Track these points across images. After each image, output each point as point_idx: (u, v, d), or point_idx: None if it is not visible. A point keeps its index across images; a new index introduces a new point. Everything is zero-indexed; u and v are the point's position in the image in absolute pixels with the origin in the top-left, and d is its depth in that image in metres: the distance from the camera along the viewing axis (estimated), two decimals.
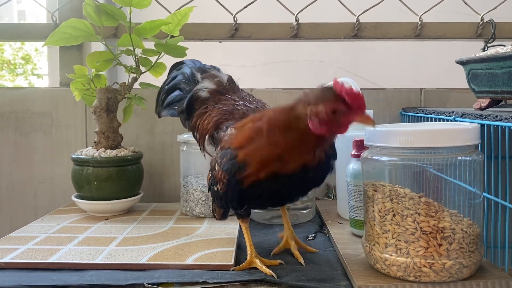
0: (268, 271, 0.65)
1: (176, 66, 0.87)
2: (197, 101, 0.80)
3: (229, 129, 0.71)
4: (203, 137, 0.78)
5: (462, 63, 0.84)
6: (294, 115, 0.58)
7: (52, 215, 0.97)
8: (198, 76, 0.82)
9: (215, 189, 0.69)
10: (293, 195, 0.70)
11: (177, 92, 0.84)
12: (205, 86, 0.81)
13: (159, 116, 0.86)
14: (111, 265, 0.68)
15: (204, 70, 0.84)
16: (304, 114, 0.57)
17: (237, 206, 0.68)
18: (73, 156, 0.96)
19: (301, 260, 0.70)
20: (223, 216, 0.75)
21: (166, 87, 0.85)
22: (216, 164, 0.68)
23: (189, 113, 0.81)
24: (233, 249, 0.74)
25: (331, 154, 0.66)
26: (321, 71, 1.48)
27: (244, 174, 0.62)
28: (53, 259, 0.69)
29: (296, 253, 0.73)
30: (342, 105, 0.55)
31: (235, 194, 0.65)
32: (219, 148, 0.70)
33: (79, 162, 0.95)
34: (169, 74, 0.87)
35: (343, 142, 0.91)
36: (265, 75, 1.52)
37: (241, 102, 0.76)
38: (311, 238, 0.84)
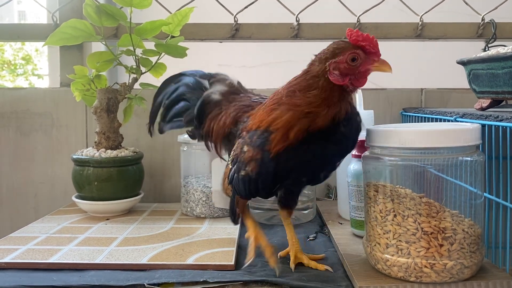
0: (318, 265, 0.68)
1: (173, 80, 0.83)
2: (209, 105, 0.78)
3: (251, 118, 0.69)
4: (220, 138, 0.75)
5: (463, 63, 0.84)
6: (311, 75, 0.60)
7: (53, 216, 0.97)
8: (206, 83, 0.81)
9: (243, 173, 0.64)
10: (330, 159, 0.64)
11: (182, 103, 0.81)
12: (217, 89, 0.79)
13: (161, 132, 0.83)
14: (111, 265, 0.68)
15: (212, 76, 0.82)
16: (321, 71, 0.59)
17: (270, 185, 0.63)
18: (74, 157, 0.96)
19: (326, 267, 0.67)
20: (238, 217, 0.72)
21: (166, 101, 0.81)
22: (246, 145, 0.64)
23: (200, 120, 0.79)
24: (234, 249, 0.74)
25: (356, 113, 0.64)
26: None
27: (273, 140, 0.60)
28: (53, 259, 0.69)
29: (313, 263, 0.68)
30: (360, 51, 0.58)
31: (269, 170, 0.61)
32: (244, 132, 0.67)
33: (79, 162, 0.95)
34: (163, 88, 0.83)
35: None
36: (265, 75, 1.52)
37: (256, 96, 0.76)
38: (311, 238, 0.83)
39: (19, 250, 0.73)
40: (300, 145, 0.60)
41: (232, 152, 0.69)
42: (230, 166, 0.69)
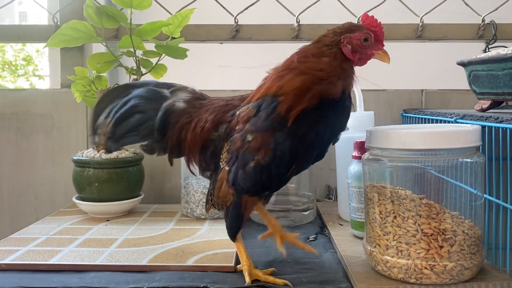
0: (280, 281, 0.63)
1: (119, 94, 0.73)
2: (173, 115, 0.71)
3: (241, 109, 0.65)
4: (198, 147, 0.69)
5: (463, 64, 0.83)
6: (323, 43, 0.61)
7: (53, 217, 0.97)
8: (165, 91, 0.73)
9: (252, 164, 0.60)
10: (338, 130, 0.64)
11: (137, 116, 0.71)
12: (180, 97, 0.72)
13: (109, 151, 0.79)
14: (111, 267, 0.68)
15: (171, 85, 0.74)
16: (335, 42, 0.61)
17: (286, 169, 0.60)
18: (74, 158, 0.96)
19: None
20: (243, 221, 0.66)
21: (114, 117, 0.70)
22: (248, 134, 0.61)
23: (163, 132, 0.71)
24: (234, 250, 0.74)
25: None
26: None
27: (285, 103, 0.59)
28: (54, 261, 0.69)
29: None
30: (372, 35, 0.62)
31: (285, 149, 0.59)
32: (240, 125, 0.63)
33: (80, 163, 0.95)
34: (106, 104, 0.73)
35: (344, 144, 0.91)
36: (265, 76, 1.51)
37: (231, 97, 0.72)
38: (312, 239, 0.83)
39: (19, 251, 0.74)
40: (315, 111, 0.59)
41: (225, 153, 0.65)
42: (227, 168, 0.64)
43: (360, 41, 0.61)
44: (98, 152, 0.96)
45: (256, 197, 0.65)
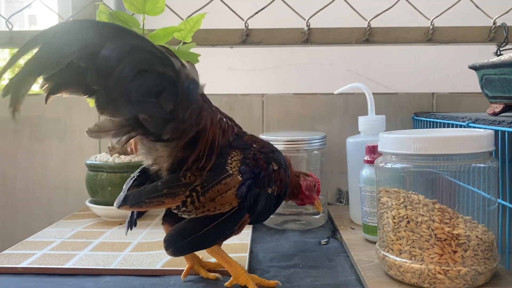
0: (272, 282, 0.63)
1: (119, 35, 0.52)
2: (198, 93, 0.59)
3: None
4: (215, 142, 0.62)
5: (475, 68, 0.83)
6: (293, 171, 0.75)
7: (67, 220, 0.98)
8: (175, 60, 0.56)
9: (270, 191, 0.64)
10: None
11: (150, 78, 0.53)
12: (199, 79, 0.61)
13: (121, 114, 0.54)
14: (126, 271, 0.68)
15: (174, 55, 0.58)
16: (298, 175, 0.76)
17: (274, 209, 0.69)
18: (88, 162, 0.97)
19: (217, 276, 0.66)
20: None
21: (127, 68, 0.50)
22: (274, 162, 0.66)
23: (188, 104, 0.57)
24: (246, 255, 0.75)
25: None
26: (330, 74, 1.48)
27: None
28: (69, 265, 0.70)
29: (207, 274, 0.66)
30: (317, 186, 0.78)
31: (287, 192, 0.70)
32: (255, 145, 0.66)
33: (93, 167, 0.96)
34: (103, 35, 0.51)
35: (355, 147, 0.91)
36: (275, 78, 1.52)
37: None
38: (323, 243, 0.84)
39: (35, 255, 0.75)
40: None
41: (237, 161, 0.62)
42: (240, 177, 0.61)
43: (311, 184, 0.76)
44: (112, 156, 0.97)
45: (247, 222, 0.64)
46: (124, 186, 0.62)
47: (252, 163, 0.63)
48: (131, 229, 0.64)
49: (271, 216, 0.92)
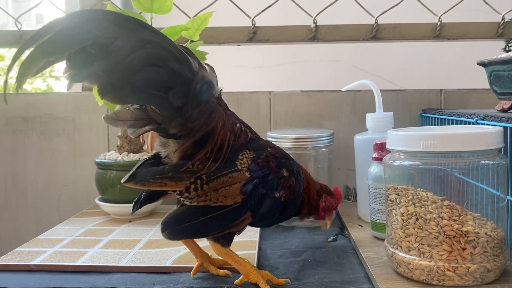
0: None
1: (134, 26, 0.53)
2: (212, 93, 0.61)
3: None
4: (227, 154, 0.63)
5: (483, 64, 0.83)
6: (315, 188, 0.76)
7: (77, 218, 0.99)
8: (193, 60, 0.57)
9: (277, 195, 0.64)
10: None
11: (162, 73, 0.54)
12: (215, 81, 0.63)
13: (124, 101, 0.55)
14: (136, 268, 0.69)
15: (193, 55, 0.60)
16: (319, 193, 0.76)
17: (287, 215, 0.70)
18: (97, 160, 0.98)
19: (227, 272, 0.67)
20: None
21: (136, 59, 0.52)
22: (284, 168, 0.66)
23: (198, 104, 0.58)
24: (255, 252, 0.75)
25: None
26: (337, 70, 1.48)
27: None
28: (80, 262, 0.71)
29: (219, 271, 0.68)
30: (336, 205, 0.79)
31: (297, 203, 0.70)
32: (269, 149, 0.67)
33: (102, 166, 0.97)
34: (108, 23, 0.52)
35: (363, 145, 0.92)
36: (281, 75, 1.52)
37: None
38: (331, 240, 0.84)
39: (46, 252, 0.76)
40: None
41: (247, 159, 0.63)
42: (248, 174, 0.62)
43: (330, 205, 0.76)
44: (121, 154, 0.97)
45: (248, 223, 0.64)
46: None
47: (263, 163, 0.64)
48: (136, 209, 0.66)
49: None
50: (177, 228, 0.60)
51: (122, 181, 0.61)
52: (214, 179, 0.60)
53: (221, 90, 0.65)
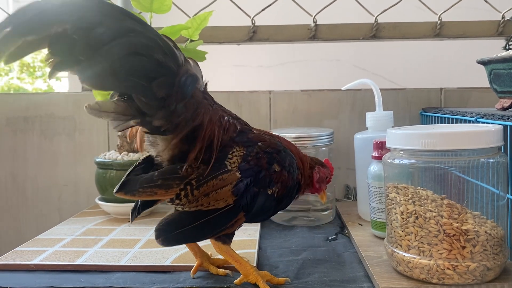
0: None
1: (119, 17, 0.53)
2: (197, 86, 0.60)
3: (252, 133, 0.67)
4: (217, 141, 0.62)
5: (483, 63, 0.83)
6: (308, 163, 0.73)
7: (77, 218, 0.99)
8: (178, 53, 0.57)
9: (270, 192, 0.62)
10: None
11: (152, 61, 0.54)
12: (199, 74, 0.62)
13: (106, 87, 0.56)
14: (136, 267, 0.69)
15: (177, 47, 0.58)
16: (312, 166, 0.74)
17: (280, 209, 0.67)
18: (97, 160, 0.98)
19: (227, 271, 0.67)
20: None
21: (118, 46, 0.52)
22: (276, 164, 0.63)
23: (183, 97, 0.57)
24: (255, 251, 0.75)
25: None
26: (337, 70, 1.48)
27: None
28: (80, 261, 0.71)
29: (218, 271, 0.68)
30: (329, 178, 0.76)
31: (292, 196, 0.68)
32: (260, 143, 0.65)
33: (102, 165, 0.97)
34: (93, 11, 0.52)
35: (363, 144, 0.91)
36: (282, 75, 1.52)
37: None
38: (331, 239, 0.84)
39: (47, 252, 0.76)
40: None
41: (236, 157, 0.62)
42: (238, 174, 0.61)
43: (324, 176, 0.74)
44: (121, 154, 0.98)
45: (243, 221, 0.63)
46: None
47: (254, 161, 0.62)
48: (134, 218, 0.65)
49: (279, 212, 0.94)
50: (171, 235, 0.59)
51: (114, 191, 0.60)
52: (204, 183, 0.59)
53: (206, 84, 0.64)
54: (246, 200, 0.61)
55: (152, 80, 0.54)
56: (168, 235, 0.59)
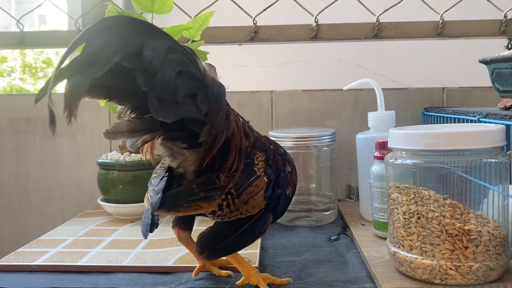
0: None
1: (154, 34, 0.49)
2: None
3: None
4: (242, 159, 0.61)
5: (485, 62, 0.83)
6: None
7: (79, 218, 0.99)
8: (199, 61, 0.53)
9: (287, 192, 0.64)
10: None
11: (187, 79, 0.50)
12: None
13: (169, 117, 0.49)
14: (138, 268, 0.69)
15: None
16: None
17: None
18: (99, 160, 0.98)
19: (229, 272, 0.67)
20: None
21: (169, 68, 0.48)
22: (288, 165, 0.65)
23: (219, 108, 0.54)
24: (257, 251, 0.75)
25: None
26: (339, 69, 1.48)
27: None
28: (82, 262, 0.71)
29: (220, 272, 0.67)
30: None
31: (293, 196, 0.67)
32: (272, 146, 0.66)
33: (104, 166, 0.97)
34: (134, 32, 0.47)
35: (365, 143, 0.91)
36: (283, 75, 1.52)
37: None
38: (333, 239, 0.84)
39: (49, 253, 0.76)
40: None
41: (261, 162, 0.62)
42: (266, 179, 0.61)
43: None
44: (122, 154, 0.98)
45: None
46: (154, 185, 0.59)
47: (273, 164, 0.63)
48: (151, 232, 0.60)
49: None
50: (216, 248, 0.58)
51: (152, 207, 0.55)
52: (242, 191, 0.58)
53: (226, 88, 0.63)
54: (273, 203, 0.62)
55: (195, 96, 0.51)
56: (212, 249, 0.58)
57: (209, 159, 0.57)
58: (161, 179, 0.59)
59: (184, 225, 0.65)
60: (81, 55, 0.44)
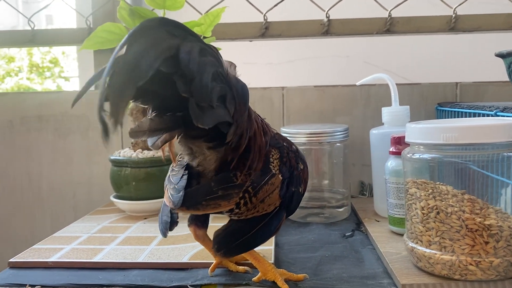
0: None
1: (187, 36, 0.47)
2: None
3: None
4: (262, 157, 0.61)
5: (502, 56, 0.81)
6: None
7: (92, 215, 0.99)
8: (222, 60, 0.53)
9: (300, 190, 0.64)
10: None
11: (218, 81, 0.51)
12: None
13: (207, 124, 0.50)
14: (154, 264, 0.69)
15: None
16: None
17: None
18: (112, 158, 0.98)
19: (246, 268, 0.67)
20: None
21: (206, 71, 0.48)
22: (301, 163, 0.64)
23: (243, 109, 0.55)
24: (272, 247, 0.75)
25: None
26: (348, 66, 1.47)
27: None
28: (97, 259, 0.71)
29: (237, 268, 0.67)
30: None
31: (304, 191, 0.66)
32: (285, 143, 0.65)
33: (117, 163, 0.97)
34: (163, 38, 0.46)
35: (379, 139, 0.91)
36: (292, 72, 1.51)
37: None
38: (348, 235, 0.83)
39: (64, 249, 0.76)
40: None
41: (276, 160, 0.62)
42: (281, 177, 0.61)
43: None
44: (135, 151, 0.98)
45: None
46: (174, 183, 0.59)
47: (288, 162, 0.63)
48: (171, 230, 0.61)
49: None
50: (233, 246, 0.58)
51: (173, 206, 0.56)
52: (259, 190, 0.58)
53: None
54: (287, 200, 0.61)
55: (224, 98, 0.51)
56: (229, 247, 0.58)
57: (236, 159, 0.57)
58: (182, 177, 0.59)
59: (200, 223, 0.65)
60: (123, 64, 0.43)
